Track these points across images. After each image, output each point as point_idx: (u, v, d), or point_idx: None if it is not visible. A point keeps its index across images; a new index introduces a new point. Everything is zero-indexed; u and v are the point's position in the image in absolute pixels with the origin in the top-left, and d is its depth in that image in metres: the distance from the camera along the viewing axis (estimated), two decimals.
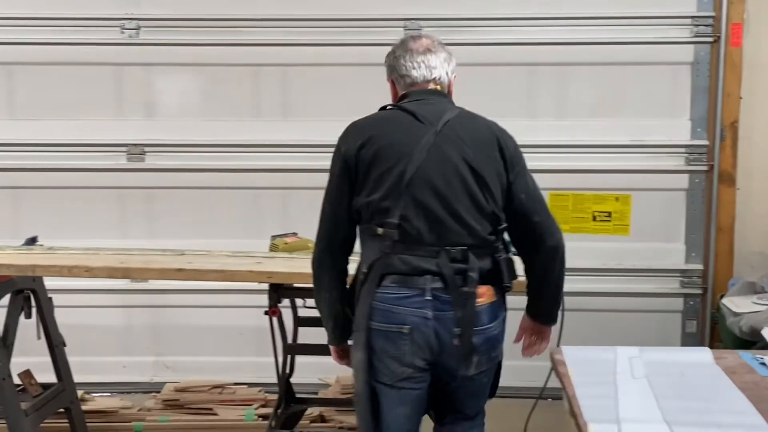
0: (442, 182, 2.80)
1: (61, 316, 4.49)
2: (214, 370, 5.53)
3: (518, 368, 5.02)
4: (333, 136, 5.21)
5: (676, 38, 5.25)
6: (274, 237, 4.30)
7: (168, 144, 5.41)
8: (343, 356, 3.08)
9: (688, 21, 5.22)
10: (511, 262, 2.92)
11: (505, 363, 3.22)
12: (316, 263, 2.97)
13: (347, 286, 2.95)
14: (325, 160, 5.21)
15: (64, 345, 4.50)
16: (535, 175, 5.21)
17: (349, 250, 2.97)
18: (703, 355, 2.65)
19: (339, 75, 5.34)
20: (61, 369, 4.44)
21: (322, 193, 5.16)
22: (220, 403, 5.15)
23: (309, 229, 4.62)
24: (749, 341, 4.75)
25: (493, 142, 2.94)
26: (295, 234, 4.34)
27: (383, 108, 3.08)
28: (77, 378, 4.58)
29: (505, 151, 2.95)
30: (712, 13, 5.18)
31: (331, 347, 3.11)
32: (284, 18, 5.29)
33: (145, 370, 5.60)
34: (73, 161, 5.41)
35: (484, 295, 2.82)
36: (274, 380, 5.34)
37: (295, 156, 5.38)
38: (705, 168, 5.29)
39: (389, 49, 5.09)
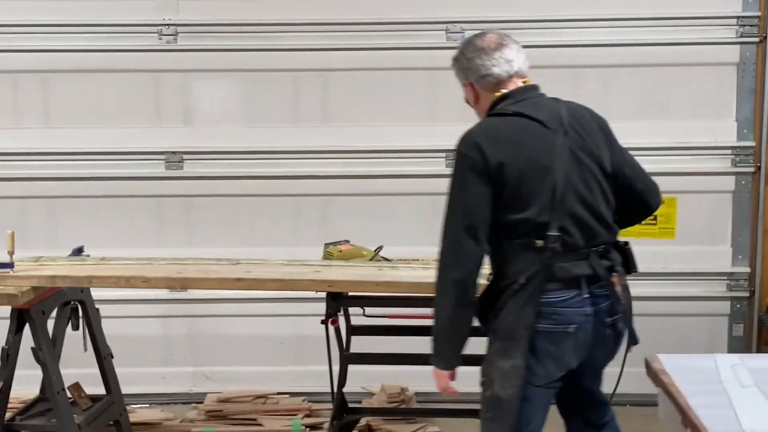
0: (584, 188, 2.89)
1: None
2: (253, 379, 5.45)
3: None
4: (373, 141, 5.30)
5: (721, 39, 5.19)
6: (327, 245, 4.23)
7: (206, 151, 5.34)
8: (453, 379, 3.03)
9: (734, 21, 5.17)
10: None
11: None
12: (461, 284, 2.88)
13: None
14: (366, 166, 5.31)
15: (112, 356, 4.42)
16: None
17: None
18: None
19: (379, 80, 5.28)
20: (110, 381, 4.37)
21: (362, 199, 5.32)
22: (264, 413, 5.08)
23: (349, 235, 4.64)
24: None
25: (599, 129, 3.03)
26: (347, 241, 4.27)
27: (494, 113, 2.98)
28: None
29: (609, 135, 3.07)
30: (758, 13, 5.13)
31: (443, 372, 3.02)
32: (324, 23, 5.23)
33: (183, 380, 5.52)
34: (110, 170, 5.34)
35: (618, 282, 2.97)
36: (316, 389, 5.33)
37: (335, 162, 5.32)
38: (752, 169, 5.23)
39: (430, 53, 5.19)
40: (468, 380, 5.20)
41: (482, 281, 2.98)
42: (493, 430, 2.94)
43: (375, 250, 4.21)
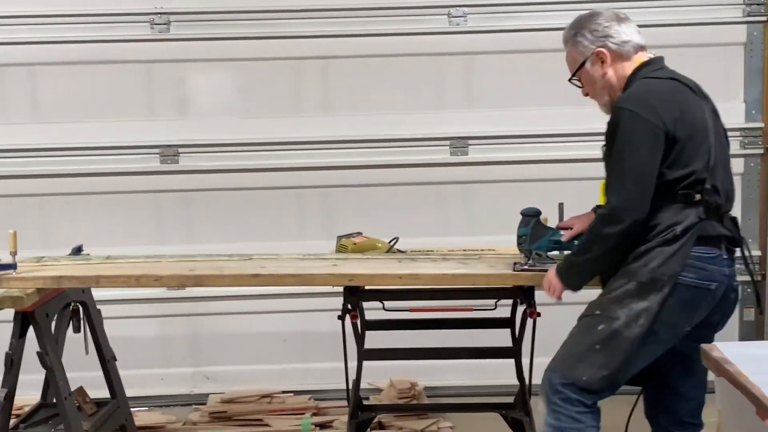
0: (723, 153, 3.11)
1: None
2: (256, 379, 5.30)
3: None
4: (376, 131, 5.14)
5: (728, 18, 5.11)
6: (339, 237, 4.08)
7: (203, 144, 5.16)
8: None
9: (740, 0, 5.06)
10: None
11: None
12: (618, 237, 3.02)
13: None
14: (370, 156, 5.15)
15: (115, 359, 4.25)
16: (585, 164, 5.12)
17: None
18: None
19: (382, 67, 5.14)
20: (115, 385, 4.19)
21: (366, 190, 5.16)
22: (271, 413, 4.93)
23: (354, 227, 4.47)
24: None
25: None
26: (360, 233, 4.12)
27: (647, 77, 3.12)
28: None
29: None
30: None
31: (561, 286, 3.23)
32: (323, 8, 5.07)
33: (183, 381, 5.35)
34: (102, 165, 5.14)
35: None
36: (321, 387, 5.20)
37: (337, 152, 5.17)
38: (761, 151, 5.15)
39: (433, 38, 5.04)
40: (477, 374, 5.17)
41: None
42: (595, 360, 3.01)
43: (390, 242, 4.06)
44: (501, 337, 4.19)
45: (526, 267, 3.50)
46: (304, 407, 5.00)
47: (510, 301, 4.00)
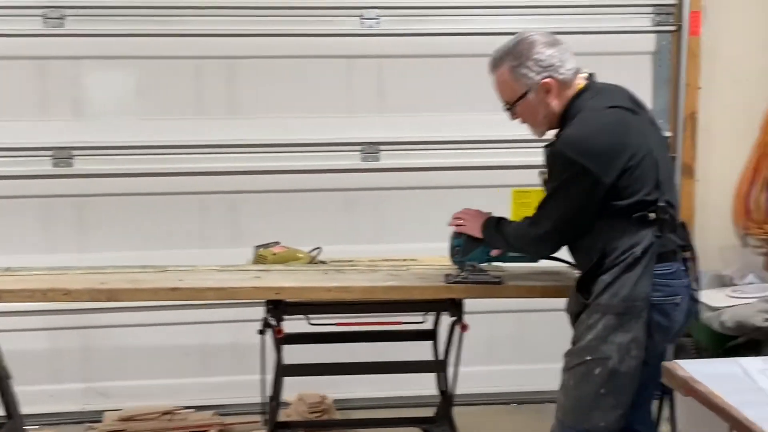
0: (666, 162, 3.10)
1: None
2: (153, 394, 5.03)
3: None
4: (285, 135, 4.95)
5: (637, 27, 5.13)
6: (257, 247, 3.87)
7: (99, 146, 4.84)
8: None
9: (650, 9, 5.11)
10: None
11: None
12: (534, 249, 3.22)
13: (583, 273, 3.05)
14: (277, 161, 4.95)
15: (10, 378, 3.93)
16: (496, 171, 5.07)
17: None
18: None
19: (291, 68, 4.94)
20: (11, 405, 3.88)
21: (274, 196, 4.96)
22: (173, 430, 4.67)
23: (262, 235, 4.28)
24: (730, 336, 4.67)
25: None
26: (277, 243, 3.92)
27: (588, 107, 3.03)
28: None
29: None
30: (674, 1, 5.09)
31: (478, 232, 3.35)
32: (230, 6, 4.83)
33: (74, 398, 5.03)
34: None
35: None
36: (224, 402, 5.00)
37: (244, 157, 4.94)
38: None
39: (344, 40, 4.89)
40: (385, 385, 5.03)
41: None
42: (607, 404, 2.98)
43: (310, 252, 3.88)
44: (412, 350, 4.05)
45: (459, 279, 3.38)
46: (208, 424, 4.78)
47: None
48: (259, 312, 4.72)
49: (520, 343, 5.29)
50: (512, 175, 5.01)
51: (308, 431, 4.50)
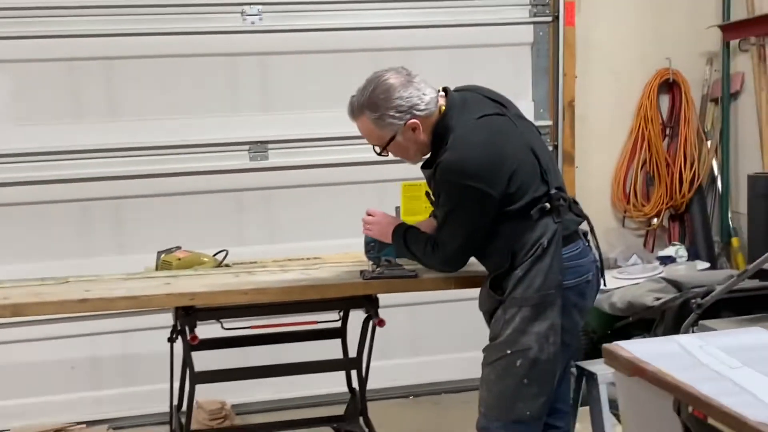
0: (543, 148, 3.12)
1: None
2: (42, 411, 4.85)
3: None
4: (167, 137, 4.82)
5: (516, 19, 5.23)
6: (160, 253, 3.74)
7: None
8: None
9: (527, 1, 5.21)
10: None
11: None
12: (446, 269, 3.24)
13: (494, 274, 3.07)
14: (161, 164, 4.82)
15: None
16: (385, 166, 5.06)
17: None
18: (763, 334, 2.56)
19: (171, 67, 4.82)
20: None
21: (159, 200, 4.83)
22: None
23: (150, 241, 4.29)
24: (619, 317, 4.81)
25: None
26: (179, 248, 3.80)
27: (457, 126, 3.02)
28: None
29: None
30: None
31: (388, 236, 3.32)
32: (104, 5, 4.67)
33: None
34: None
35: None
36: (116, 415, 4.84)
37: (126, 161, 4.79)
38: (549, 149, 5.29)
39: (227, 37, 4.79)
40: (283, 387, 4.97)
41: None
42: (530, 393, 3.02)
43: (215, 255, 3.78)
44: (309, 349, 3.98)
45: (376, 275, 3.36)
46: None
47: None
48: (147, 320, 4.65)
49: (413, 337, 5.31)
50: (401, 169, 5.03)
51: None
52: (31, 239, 4.73)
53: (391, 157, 3.21)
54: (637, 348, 2.48)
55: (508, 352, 3.02)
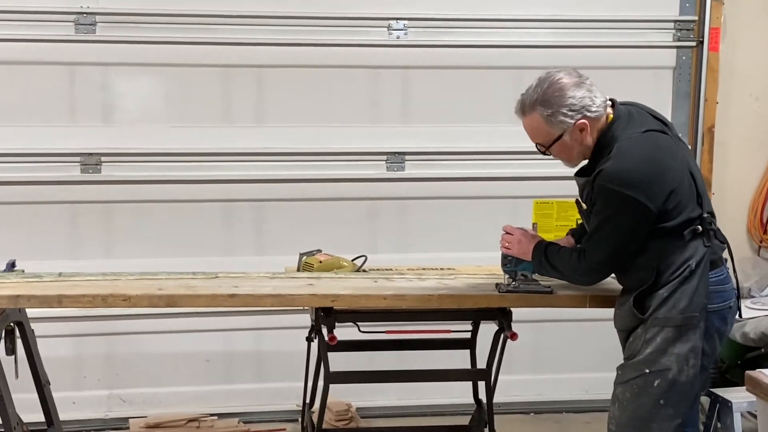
0: (701, 177, 3.13)
1: None
2: (177, 401, 5.05)
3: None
4: (310, 143, 4.98)
5: (658, 42, 5.22)
6: (302, 255, 3.89)
7: (127, 153, 4.86)
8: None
9: (671, 25, 5.20)
10: None
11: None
12: (587, 280, 3.26)
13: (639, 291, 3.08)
14: (303, 169, 4.98)
15: (49, 383, 3.92)
16: (519, 183, 5.14)
17: None
18: None
19: (318, 77, 4.98)
20: (51, 412, 3.86)
21: (298, 204, 4.99)
22: None
23: (286, 243, 4.46)
24: (752, 347, 4.75)
25: None
26: (320, 251, 3.95)
27: (622, 137, 3.06)
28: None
29: None
30: (694, 17, 5.18)
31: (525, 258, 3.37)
32: (259, 15, 4.86)
33: (97, 405, 5.02)
34: (16, 173, 4.77)
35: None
36: (247, 409, 5.01)
37: (270, 165, 4.97)
38: None
39: (372, 50, 4.93)
40: (404, 394, 5.06)
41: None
42: (665, 415, 3.04)
43: (354, 260, 3.91)
44: (431, 358, 4.10)
45: (511, 288, 3.43)
46: (233, 431, 4.76)
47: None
48: (279, 320, 4.82)
49: (537, 354, 5.34)
50: (534, 186, 5.11)
51: None
52: (179, 236, 4.95)
53: (526, 171, 3.26)
54: None
55: (646, 371, 3.04)
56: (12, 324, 3.68)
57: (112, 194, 4.87)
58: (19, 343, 3.73)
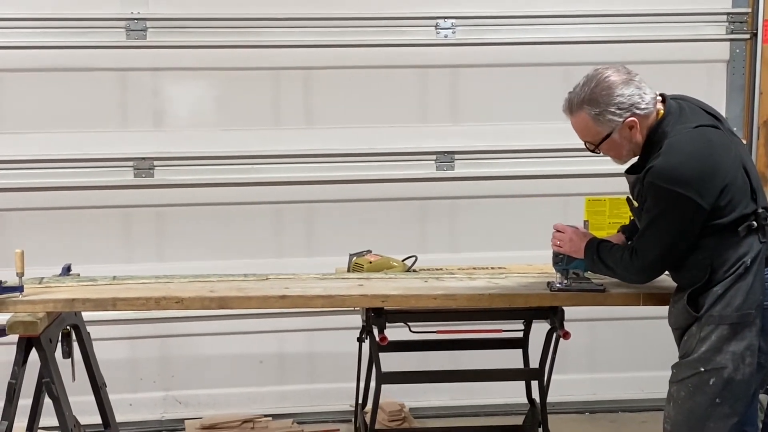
0: (755, 172, 3.08)
1: None
2: (231, 402, 5.10)
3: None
4: (360, 144, 4.99)
5: (711, 35, 5.14)
6: (352, 255, 3.90)
7: (179, 157, 4.91)
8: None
9: (724, 18, 5.12)
10: None
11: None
12: (640, 279, 3.22)
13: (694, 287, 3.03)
14: (352, 170, 4.99)
15: (106, 386, 3.98)
16: (570, 180, 5.09)
17: None
18: None
19: (366, 78, 4.99)
20: (108, 414, 3.91)
21: (348, 205, 5.00)
22: None
23: (337, 244, 4.45)
24: None
25: None
26: (370, 251, 3.95)
27: (673, 134, 3.02)
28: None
29: None
30: (748, 10, 5.10)
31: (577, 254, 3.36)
32: (306, 17, 4.89)
33: (154, 407, 5.09)
34: (70, 178, 4.83)
35: None
36: (300, 410, 5.03)
37: (319, 167, 4.99)
38: None
39: (419, 50, 4.92)
40: (457, 394, 5.05)
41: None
42: (721, 413, 2.99)
43: (404, 260, 3.91)
44: (481, 357, 4.07)
45: (563, 287, 3.40)
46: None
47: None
48: (331, 320, 4.84)
49: (591, 353, 5.29)
50: (585, 183, 5.05)
51: None
52: (231, 238, 4.99)
53: (571, 170, 3.23)
54: None
55: (702, 369, 3.00)
56: (68, 327, 3.72)
57: (164, 198, 4.93)
58: (75, 346, 3.77)
